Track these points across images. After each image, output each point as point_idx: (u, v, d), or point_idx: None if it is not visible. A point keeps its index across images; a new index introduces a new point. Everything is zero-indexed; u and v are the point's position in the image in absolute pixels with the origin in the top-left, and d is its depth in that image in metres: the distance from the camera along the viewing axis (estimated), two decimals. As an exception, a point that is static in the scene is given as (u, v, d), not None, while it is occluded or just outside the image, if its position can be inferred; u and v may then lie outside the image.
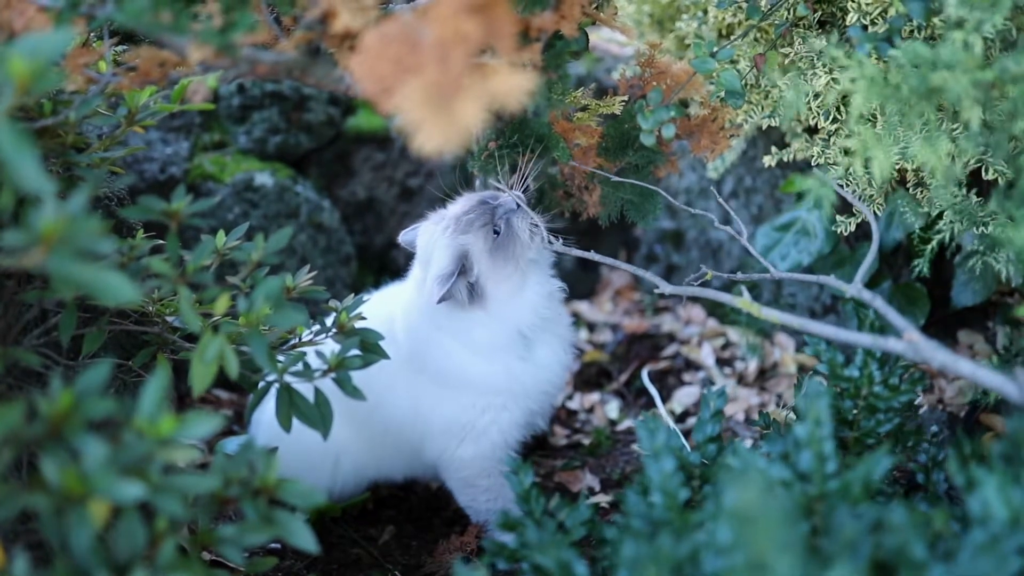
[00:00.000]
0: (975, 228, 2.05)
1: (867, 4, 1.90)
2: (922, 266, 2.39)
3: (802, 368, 3.08)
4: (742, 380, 3.11)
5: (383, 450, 2.43)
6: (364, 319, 1.96)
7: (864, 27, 1.89)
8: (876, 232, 1.84)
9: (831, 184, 1.56)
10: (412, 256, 2.42)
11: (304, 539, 1.34)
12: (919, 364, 1.84)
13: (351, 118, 3.46)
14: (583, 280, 3.72)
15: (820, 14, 2.17)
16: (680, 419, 2.97)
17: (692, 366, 3.22)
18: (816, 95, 2.16)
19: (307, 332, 1.93)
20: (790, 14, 2.12)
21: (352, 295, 1.99)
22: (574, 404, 3.11)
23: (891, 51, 1.57)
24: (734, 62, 2.08)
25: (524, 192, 2.20)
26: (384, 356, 1.90)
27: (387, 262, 3.50)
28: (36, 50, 1.06)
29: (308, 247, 3.20)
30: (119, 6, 1.32)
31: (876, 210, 2.29)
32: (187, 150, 3.16)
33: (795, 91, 2.06)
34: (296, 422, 1.77)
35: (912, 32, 1.86)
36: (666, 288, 1.91)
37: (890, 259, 2.80)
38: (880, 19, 1.95)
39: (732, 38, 2.28)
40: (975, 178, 2.11)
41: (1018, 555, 1.22)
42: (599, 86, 3.60)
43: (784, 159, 2.53)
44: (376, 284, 3.20)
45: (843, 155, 2.20)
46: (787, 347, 3.15)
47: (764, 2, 2.06)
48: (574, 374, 3.21)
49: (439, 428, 2.31)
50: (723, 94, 2.04)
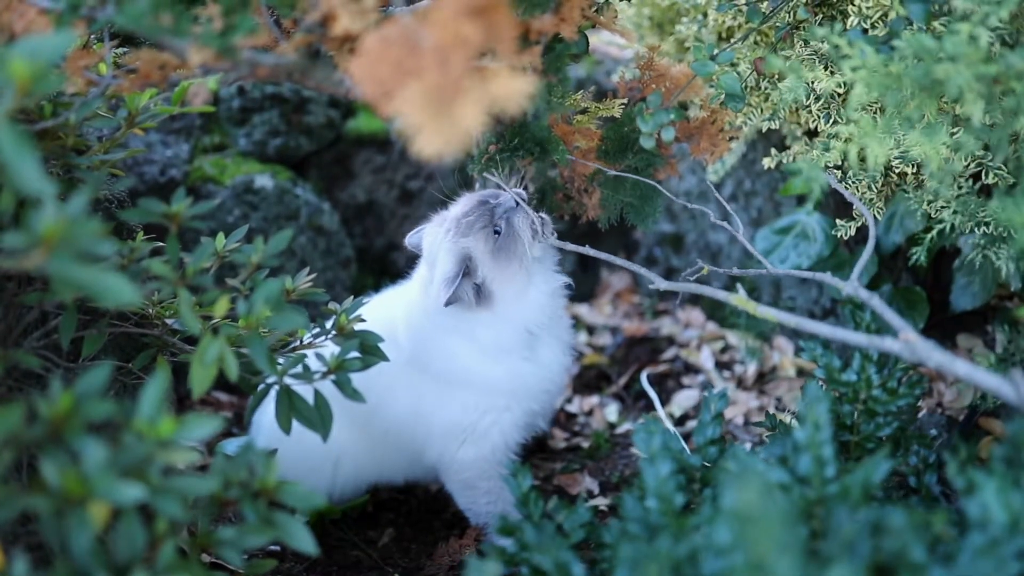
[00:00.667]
0: (976, 228, 2.05)
1: (867, 7, 1.90)
2: (920, 254, 2.36)
3: (801, 372, 3.08)
4: (741, 383, 3.11)
5: (384, 453, 2.43)
6: (363, 321, 1.96)
7: (864, 30, 1.89)
8: (873, 228, 1.84)
9: (821, 170, 1.55)
10: (413, 259, 2.42)
11: (303, 541, 1.34)
12: (917, 367, 1.85)
13: (351, 120, 3.46)
14: (582, 282, 3.72)
15: (821, 17, 2.17)
16: (679, 422, 2.97)
17: (691, 369, 3.22)
18: (819, 98, 2.17)
19: (307, 334, 1.93)
20: (791, 17, 2.13)
21: (352, 298, 2.00)
22: (573, 407, 3.11)
23: (895, 41, 1.57)
24: (734, 65, 2.08)
25: (523, 189, 2.21)
26: (384, 358, 1.90)
27: (387, 265, 3.50)
28: (36, 52, 1.06)
29: (308, 249, 3.20)
30: (119, 9, 1.32)
31: (877, 213, 2.29)
32: (187, 152, 3.17)
33: (796, 78, 2.05)
34: (296, 424, 1.77)
35: (912, 34, 1.86)
36: (662, 284, 1.91)
37: (889, 263, 2.81)
38: (881, 22, 1.95)
39: (732, 41, 2.28)
40: (976, 180, 2.11)
41: (1017, 559, 1.23)
42: (599, 89, 3.61)
43: (784, 162, 2.53)
44: (376, 287, 3.20)
45: (839, 142, 2.21)
46: (786, 351, 3.15)
47: (764, 5, 2.07)
48: (573, 377, 3.21)
49: (440, 430, 2.31)
50: (723, 97, 2.04)
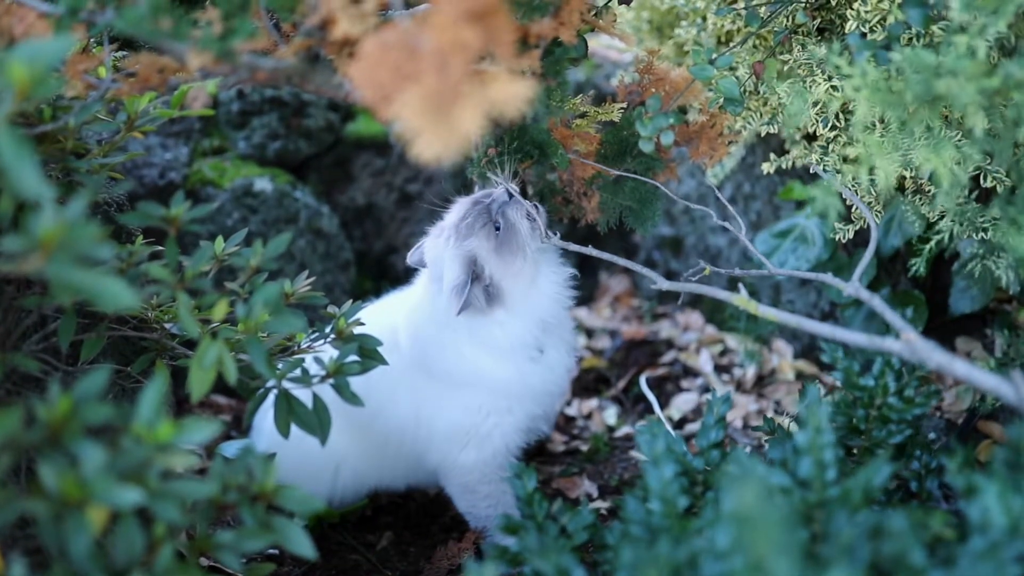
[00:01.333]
0: (975, 234, 2.05)
1: (866, 11, 1.90)
2: (919, 266, 2.38)
3: (800, 375, 3.08)
4: (740, 387, 3.11)
5: (384, 458, 2.43)
6: (363, 325, 1.96)
7: (863, 34, 1.89)
8: (875, 232, 1.84)
9: (836, 192, 1.55)
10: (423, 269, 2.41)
11: (302, 545, 1.34)
12: (929, 374, 1.84)
13: (350, 124, 3.46)
14: (582, 286, 3.70)
15: (819, 21, 2.17)
16: (678, 425, 2.97)
17: (690, 372, 3.22)
18: (816, 103, 2.17)
19: (306, 338, 1.93)
20: (789, 21, 2.13)
21: (351, 301, 1.99)
22: (572, 410, 3.11)
23: (894, 56, 1.57)
24: (733, 69, 2.08)
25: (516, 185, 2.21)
26: (382, 362, 1.90)
27: (386, 268, 3.50)
28: (36, 56, 1.06)
29: (307, 253, 3.20)
30: (119, 13, 1.32)
31: (875, 217, 2.29)
32: (186, 155, 3.17)
33: (799, 101, 2.06)
34: (296, 429, 1.77)
35: (911, 40, 1.87)
36: (664, 284, 1.91)
37: (888, 266, 2.81)
38: (879, 26, 1.95)
39: (731, 45, 2.28)
40: (974, 183, 2.11)
41: (1017, 563, 1.22)
42: (598, 92, 3.61)
43: (783, 166, 2.53)
44: (375, 290, 3.21)
45: (845, 163, 2.21)
46: (785, 354, 3.15)
47: (763, 9, 2.07)
48: (573, 380, 3.21)
49: (442, 433, 2.31)
50: (722, 101, 2.04)
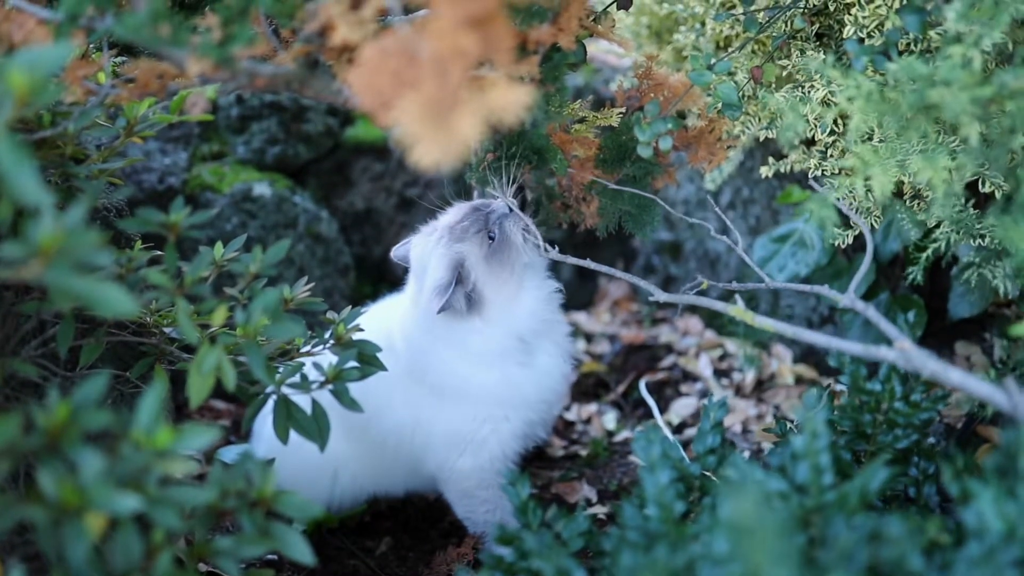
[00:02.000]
0: (972, 240, 2.06)
1: (864, 17, 1.91)
2: (916, 274, 2.39)
3: (800, 379, 3.08)
4: (739, 391, 3.11)
5: (381, 463, 2.43)
6: (362, 331, 1.96)
7: (861, 40, 1.90)
8: (871, 243, 1.85)
9: (831, 203, 1.56)
10: (409, 268, 2.42)
11: (301, 551, 1.34)
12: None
13: (349, 128, 3.47)
14: (581, 291, 3.73)
15: (817, 27, 2.18)
16: (677, 430, 2.97)
17: (690, 377, 3.22)
18: (814, 109, 2.17)
19: (305, 344, 1.93)
20: (787, 27, 2.13)
21: (350, 306, 1.99)
22: (571, 415, 3.11)
23: (888, 65, 1.58)
24: (731, 74, 2.09)
25: (516, 197, 2.21)
26: (382, 368, 1.90)
27: (385, 272, 3.51)
28: (36, 63, 1.06)
29: (306, 257, 3.20)
30: (118, 19, 1.32)
31: (874, 222, 2.30)
32: (186, 160, 3.17)
33: (794, 112, 2.07)
34: (295, 435, 1.77)
35: (909, 45, 1.87)
36: (661, 296, 1.92)
37: (887, 271, 2.81)
38: (877, 32, 1.96)
39: (729, 50, 2.28)
40: (972, 190, 2.12)
41: (1014, 567, 1.23)
42: (597, 97, 3.62)
43: (782, 170, 2.54)
44: (374, 294, 3.20)
45: (842, 174, 2.21)
46: (784, 358, 3.15)
47: (761, 15, 2.07)
48: (572, 385, 3.21)
49: (439, 440, 2.31)
50: (720, 106, 2.04)
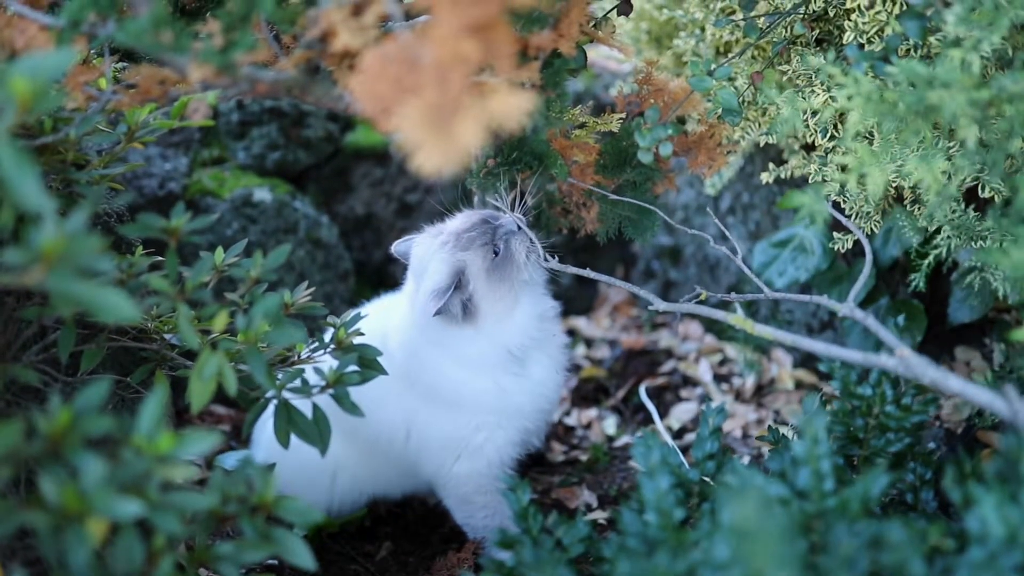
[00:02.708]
0: (972, 243, 2.06)
1: (864, 23, 1.91)
2: (918, 281, 2.40)
3: (800, 384, 3.08)
4: (739, 396, 3.11)
5: (377, 465, 2.43)
6: (362, 335, 1.96)
7: (861, 46, 1.90)
8: (869, 252, 1.85)
9: (824, 200, 1.56)
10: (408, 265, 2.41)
11: (302, 557, 1.34)
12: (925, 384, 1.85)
13: (350, 134, 3.47)
14: (581, 296, 3.73)
15: (817, 32, 2.18)
16: (678, 435, 2.97)
17: (690, 382, 3.22)
18: (814, 112, 2.18)
19: (305, 349, 1.93)
20: (787, 32, 2.14)
21: (350, 311, 2.00)
22: (571, 420, 3.11)
23: (888, 68, 1.58)
24: (731, 80, 2.09)
25: (524, 214, 2.22)
26: (382, 372, 1.91)
27: (385, 277, 3.51)
28: (38, 70, 1.06)
29: (306, 263, 3.20)
30: (120, 26, 1.32)
31: (873, 227, 2.30)
32: (186, 166, 3.17)
33: (791, 108, 2.07)
34: (293, 439, 1.77)
35: (908, 51, 1.88)
36: (660, 305, 1.92)
37: (887, 276, 2.81)
38: (877, 38, 1.96)
39: (730, 56, 2.29)
40: (972, 194, 2.12)
41: (1016, 572, 1.23)
42: (597, 103, 3.62)
43: (782, 176, 2.54)
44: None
45: (839, 171, 2.22)
46: (784, 363, 3.15)
47: (762, 20, 2.08)
48: (571, 390, 3.21)
49: (434, 444, 2.31)
50: (720, 112, 2.05)
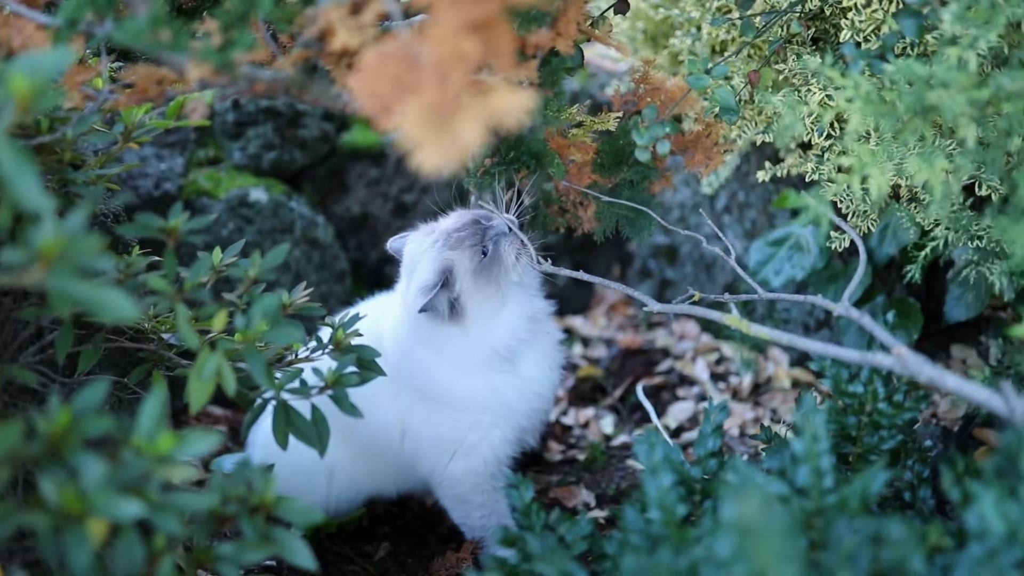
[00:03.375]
0: (970, 242, 2.06)
1: (860, 21, 1.91)
2: (914, 272, 2.39)
3: (796, 383, 3.08)
4: (736, 395, 3.11)
5: (377, 465, 2.42)
6: (361, 335, 1.96)
7: (858, 44, 1.91)
8: (863, 251, 1.85)
9: (827, 203, 1.56)
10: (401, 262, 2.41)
11: (302, 557, 1.34)
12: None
13: (345, 134, 3.47)
14: (577, 295, 3.73)
15: (814, 31, 2.19)
16: (675, 434, 2.97)
17: (686, 381, 3.22)
18: (812, 115, 2.18)
19: (303, 349, 1.92)
20: (784, 31, 2.14)
21: (347, 311, 2.00)
22: (569, 419, 3.11)
23: (886, 67, 1.58)
24: (728, 79, 2.09)
25: (518, 216, 2.22)
26: (380, 373, 1.90)
27: (381, 278, 3.50)
28: (36, 69, 1.06)
29: (302, 263, 3.20)
30: (117, 25, 1.32)
31: (870, 225, 2.30)
32: (182, 166, 3.17)
33: (792, 113, 2.07)
34: (290, 440, 1.77)
35: (905, 49, 1.88)
36: (655, 306, 1.91)
37: (883, 274, 2.82)
38: (873, 36, 1.96)
39: (726, 54, 2.29)
40: (968, 192, 2.13)
41: (1016, 569, 1.23)
42: (593, 102, 3.62)
43: (778, 174, 2.54)
44: (370, 300, 3.20)
45: (838, 173, 2.22)
46: (781, 362, 3.15)
47: (758, 19, 2.08)
48: (569, 389, 3.21)
49: (428, 444, 2.31)
50: (717, 111, 2.05)
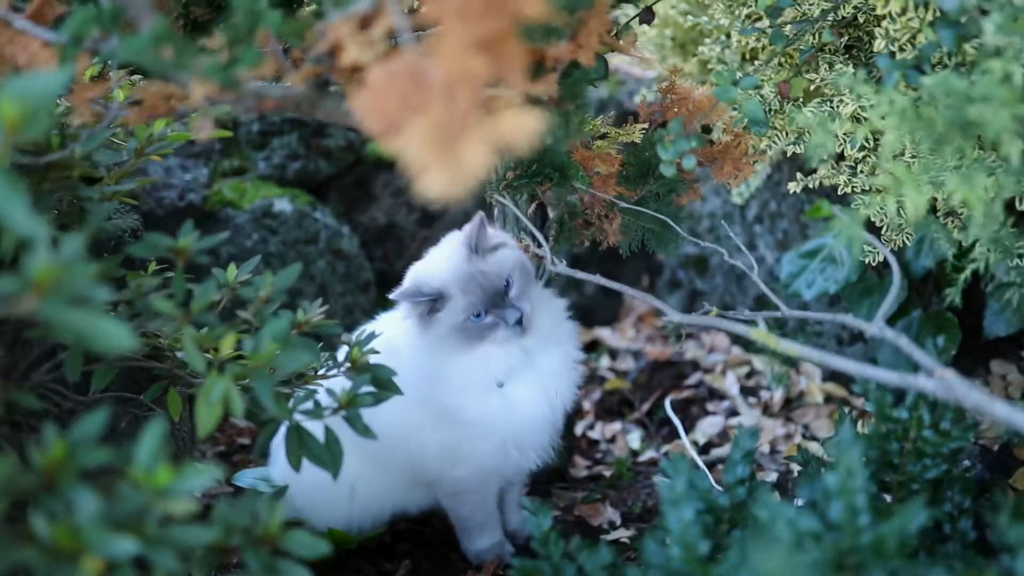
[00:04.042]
0: (1011, 260, 1.98)
1: (895, 30, 1.84)
2: (954, 296, 2.32)
3: (829, 398, 3.00)
4: (767, 410, 3.04)
5: (394, 477, 2.40)
6: (377, 352, 1.92)
7: (892, 54, 1.83)
8: (896, 268, 1.76)
9: (859, 225, 1.49)
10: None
11: (308, 591, 1.30)
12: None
13: (371, 143, 3.43)
14: (605, 306, 3.66)
15: (847, 39, 2.11)
16: (704, 450, 2.90)
17: (716, 395, 3.15)
18: (843, 128, 2.11)
19: (321, 367, 1.88)
20: (816, 39, 2.07)
21: (365, 329, 1.95)
22: (595, 433, 3.05)
23: (923, 80, 1.51)
24: (758, 89, 2.02)
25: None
26: (397, 392, 1.86)
27: (407, 288, 3.46)
28: (28, 91, 1.02)
29: (327, 274, 3.17)
30: (121, 42, 1.28)
31: (906, 239, 2.22)
32: (206, 176, 3.14)
33: (822, 131, 2.00)
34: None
35: (942, 59, 1.80)
36: (676, 318, 1.84)
37: (920, 287, 2.73)
38: (909, 45, 1.89)
39: (756, 64, 2.22)
40: (1009, 208, 2.04)
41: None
42: (621, 110, 3.56)
43: (810, 185, 2.47)
44: (395, 311, 3.16)
45: (873, 192, 2.15)
46: (814, 376, 3.07)
47: (789, 28, 2.01)
48: (595, 403, 3.15)
49: (431, 452, 2.31)
50: (746, 122, 1.98)
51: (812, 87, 2.14)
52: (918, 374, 1.54)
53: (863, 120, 2.00)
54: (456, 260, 2.18)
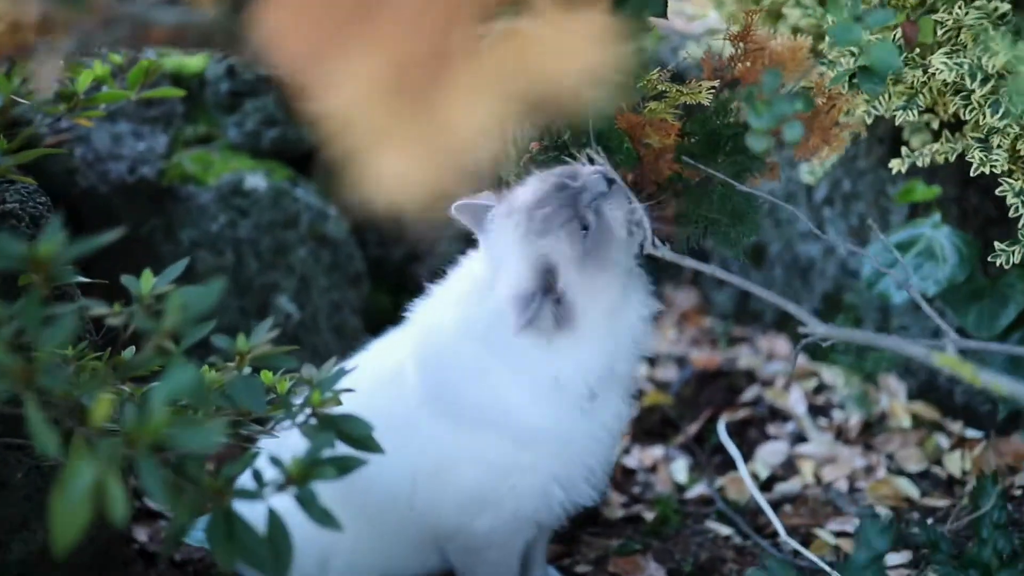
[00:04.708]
0: None
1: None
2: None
3: (918, 421, 2.46)
4: (841, 435, 2.51)
5: (384, 536, 1.91)
6: (351, 391, 1.41)
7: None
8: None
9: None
10: (435, 272, 1.87)
11: None
12: None
13: (365, 107, 2.91)
14: (641, 301, 3.14)
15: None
16: (765, 486, 2.37)
17: (778, 415, 2.61)
18: (986, 78, 1.56)
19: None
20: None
21: (361, 325, 1.43)
22: (632, 461, 2.52)
23: None
24: (892, 28, 1.48)
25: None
26: (377, 450, 1.35)
27: (406, 279, 2.94)
28: None
29: (309, 264, 2.64)
30: None
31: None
32: (165, 145, 2.62)
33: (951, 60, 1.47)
34: (283, 507, 1.21)
35: None
36: (820, 329, 1.30)
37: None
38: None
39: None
40: None
41: None
42: (662, 70, 3.02)
43: (917, 163, 1.94)
44: (393, 306, 2.63)
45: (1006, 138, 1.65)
46: (898, 393, 2.53)
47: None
48: (632, 422, 2.61)
49: (454, 495, 1.84)
50: (857, 78, 1.44)
51: (943, 35, 1.60)
52: None
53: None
54: (513, 237, 1.68)
